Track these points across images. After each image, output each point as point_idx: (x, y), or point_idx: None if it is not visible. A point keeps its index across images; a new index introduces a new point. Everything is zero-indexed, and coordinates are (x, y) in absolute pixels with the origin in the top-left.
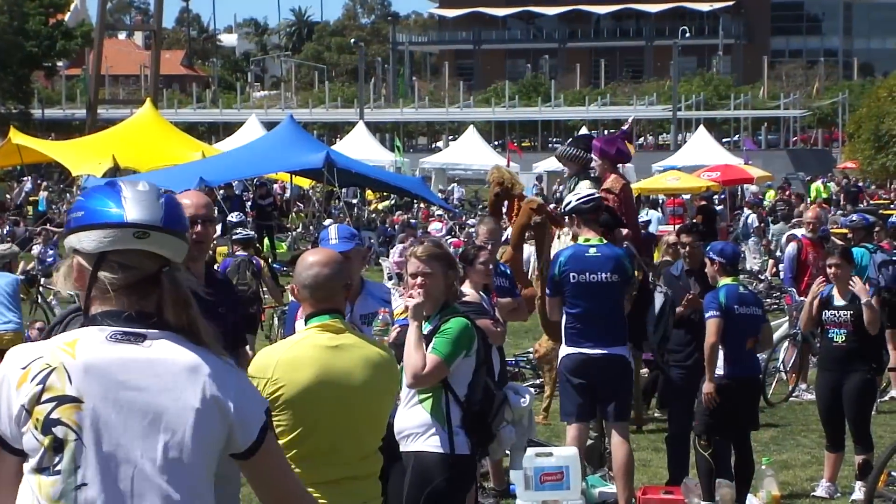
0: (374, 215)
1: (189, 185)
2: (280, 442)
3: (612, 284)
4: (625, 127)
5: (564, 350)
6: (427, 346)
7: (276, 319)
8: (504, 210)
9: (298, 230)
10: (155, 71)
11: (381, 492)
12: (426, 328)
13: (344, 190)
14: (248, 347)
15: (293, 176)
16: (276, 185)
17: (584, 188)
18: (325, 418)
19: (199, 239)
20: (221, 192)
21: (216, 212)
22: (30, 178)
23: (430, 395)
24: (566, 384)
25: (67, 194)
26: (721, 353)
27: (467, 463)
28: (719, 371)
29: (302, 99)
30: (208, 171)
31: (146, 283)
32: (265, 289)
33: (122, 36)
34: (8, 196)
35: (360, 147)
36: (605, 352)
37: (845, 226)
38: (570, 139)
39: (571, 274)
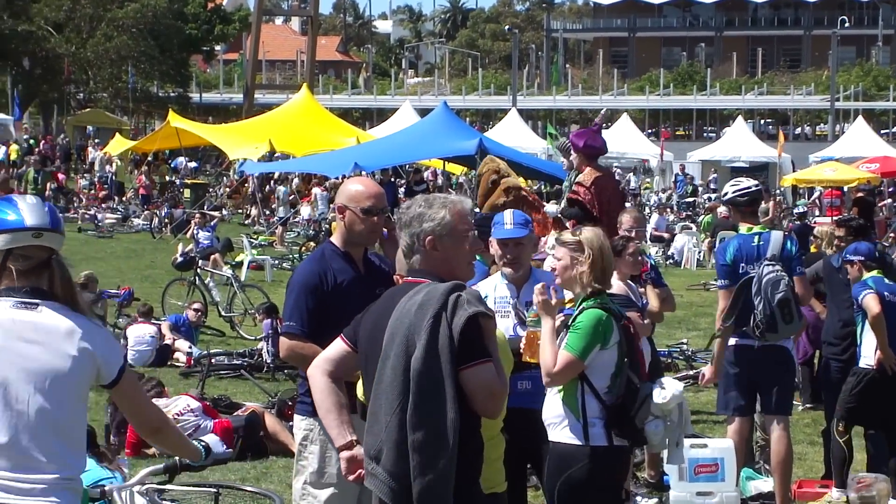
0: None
1: (344, 171)
2: None
3: None
4: (597, 119)
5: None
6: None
7: None
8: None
9: None
10: (311, 56)
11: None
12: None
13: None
14: None
15: (445, 163)
16: (427, 172)
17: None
18: None
19: (376, 229)
20: (376, 177)
21: None
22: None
23: (565, 385)
24: (728, 376)
25: (224, 178)
26: (871, 344)
27: (605, 454)
28: (870, 361)
29: (455, 86)
30: (363, 156)
31: (40, 267)
32: None
33: (278, 21)
34: (168, 178)
35: (512, 134)
36: (768, 343)
37: None
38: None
39: (742, 265)
